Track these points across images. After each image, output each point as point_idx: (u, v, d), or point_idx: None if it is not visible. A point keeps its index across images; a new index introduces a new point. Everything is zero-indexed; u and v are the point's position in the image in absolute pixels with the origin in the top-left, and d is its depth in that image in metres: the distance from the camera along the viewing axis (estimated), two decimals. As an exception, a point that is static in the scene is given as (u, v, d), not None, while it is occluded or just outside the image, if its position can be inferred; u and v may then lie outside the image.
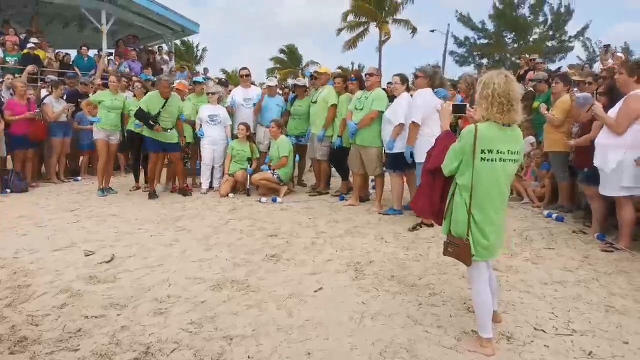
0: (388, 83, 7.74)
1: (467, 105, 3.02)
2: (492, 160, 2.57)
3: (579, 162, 5.04)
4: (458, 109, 2.99)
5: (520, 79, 9.50)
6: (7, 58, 11.29)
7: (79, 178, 8.59)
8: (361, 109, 5.94)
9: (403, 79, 5.89)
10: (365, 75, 6.13)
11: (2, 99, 7.78)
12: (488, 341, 2.73)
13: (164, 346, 2.82)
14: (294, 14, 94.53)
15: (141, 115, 6.70)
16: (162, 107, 6.71)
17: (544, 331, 3.00)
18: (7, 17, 14.01)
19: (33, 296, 3.49)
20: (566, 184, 5.84)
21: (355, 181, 6.51)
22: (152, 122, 6.64)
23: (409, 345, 2.84)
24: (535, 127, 6.66)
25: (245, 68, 7.77)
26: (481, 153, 2.56)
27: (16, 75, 9.38)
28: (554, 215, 5.60)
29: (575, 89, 6.22)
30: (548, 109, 5.77)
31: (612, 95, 4.73)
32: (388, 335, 2.95)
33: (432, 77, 5.21)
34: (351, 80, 6.56)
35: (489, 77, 2.60)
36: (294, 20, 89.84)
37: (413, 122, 5.07)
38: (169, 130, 6.81)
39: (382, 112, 5.82)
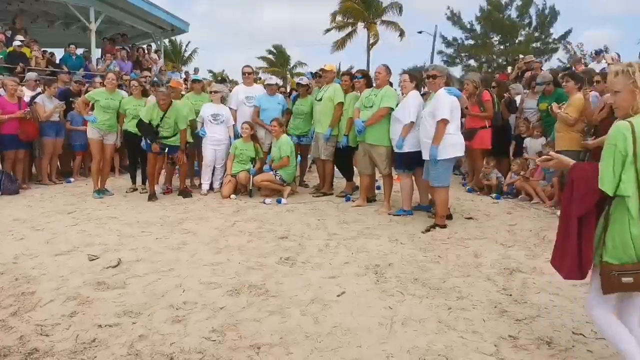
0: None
1: None
2: None
3: (597, 160, 4.96)
4: None
5: (518, 80, 9.48)
6: (-8, 56, 10.89)
7: (71, 180, 8.26)
8: (370, 107, 5.79)
9: (412, 76, 5.77)
10: (375, 73, 5.95)
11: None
12: None
13: (187, 357, 2.64)
14: (280, 16, 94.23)
15: (144, 128, 6.55)
16: (161, 120, 6.51)
17: (583, 335, 2.89)
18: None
19: (39, 304, 3.28)
20: (577, 184, 5.76)
21: (362, 181, 6.34)
22: (151, 139, 6.53)
23: (447, 353, 2.70)
24: (545, 129, 6.60)
25: (248, 66, 7.57)
26: None
27: (4, 74, 9.04)
28: (568, 215, 5.50)
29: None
30: (559, 108, 5.69)
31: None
32: (423, 342, 2.81)
33: (448, 76, 5.10)
34: (357, 78, 6.40)
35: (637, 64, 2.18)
36: (280, 23, 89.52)
37: (443, 120, 4.95)
38: (170, 139, 6.67)
39: (393, 109, 5.67)
